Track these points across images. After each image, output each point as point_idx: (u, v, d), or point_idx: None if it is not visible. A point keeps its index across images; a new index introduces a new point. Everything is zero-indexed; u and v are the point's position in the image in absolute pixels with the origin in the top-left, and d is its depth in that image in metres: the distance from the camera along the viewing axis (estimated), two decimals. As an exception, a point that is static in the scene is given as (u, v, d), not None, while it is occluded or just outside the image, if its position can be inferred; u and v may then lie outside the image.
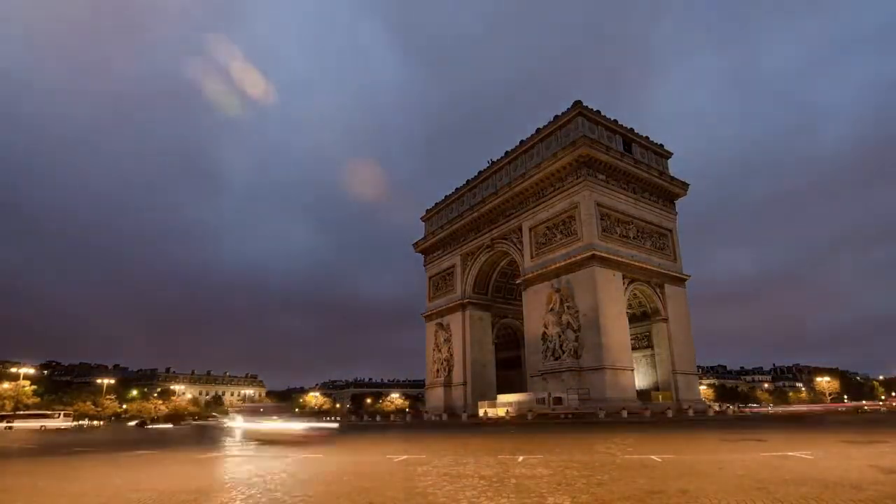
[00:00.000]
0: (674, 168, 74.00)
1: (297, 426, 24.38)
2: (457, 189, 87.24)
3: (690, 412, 56.45)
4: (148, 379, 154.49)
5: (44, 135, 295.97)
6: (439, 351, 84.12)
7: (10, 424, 57.09)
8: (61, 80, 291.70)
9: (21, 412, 67.90)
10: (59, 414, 64.59)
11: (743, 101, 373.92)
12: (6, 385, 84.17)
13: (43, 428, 57.67)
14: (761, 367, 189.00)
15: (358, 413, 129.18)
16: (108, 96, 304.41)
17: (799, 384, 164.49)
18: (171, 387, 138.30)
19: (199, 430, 47.12)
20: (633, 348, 59.02)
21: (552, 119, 67.63)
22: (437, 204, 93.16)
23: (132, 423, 78.01)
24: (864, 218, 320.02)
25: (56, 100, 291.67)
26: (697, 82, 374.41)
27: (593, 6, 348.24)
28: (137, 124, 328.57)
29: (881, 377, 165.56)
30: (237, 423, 27.65)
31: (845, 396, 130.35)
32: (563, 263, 60.92)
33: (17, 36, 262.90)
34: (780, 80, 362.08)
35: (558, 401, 55.29)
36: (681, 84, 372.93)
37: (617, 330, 57.60)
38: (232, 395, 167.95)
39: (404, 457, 15.12)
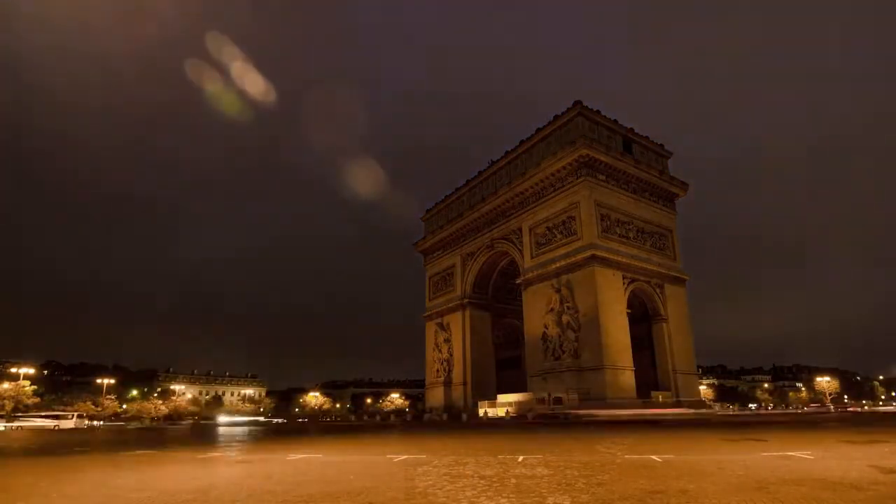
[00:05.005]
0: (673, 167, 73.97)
1: None
2: (456, 189, 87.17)
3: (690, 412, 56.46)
4: (148, 379, 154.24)
5: (44, 133, 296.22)
6: (439, 351, 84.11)
7: (20, 424, 57.14)
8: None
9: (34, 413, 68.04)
10: (73, 415, 64.43)
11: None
12: (6, 385, 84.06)
13: (57, 427, 56.58)
14: (761, 367, 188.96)
15: (357, 413, 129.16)
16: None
17: (799, 384, 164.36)
18: (171, 387, 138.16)
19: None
20: (633, 348, 59.01)
21: (552, 119, 67.60)
22: (436, 204, 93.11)
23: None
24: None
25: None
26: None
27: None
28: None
29: (881, 377, 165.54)
30: None
31: (846, 396, 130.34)
32: (563, 263, 60.89)
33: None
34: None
35: (558, 401, 55.29)
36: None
37: (617, 330, 57.59)
38: (232, 395, 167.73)
39: (404, 457, 15.11)
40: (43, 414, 65.12)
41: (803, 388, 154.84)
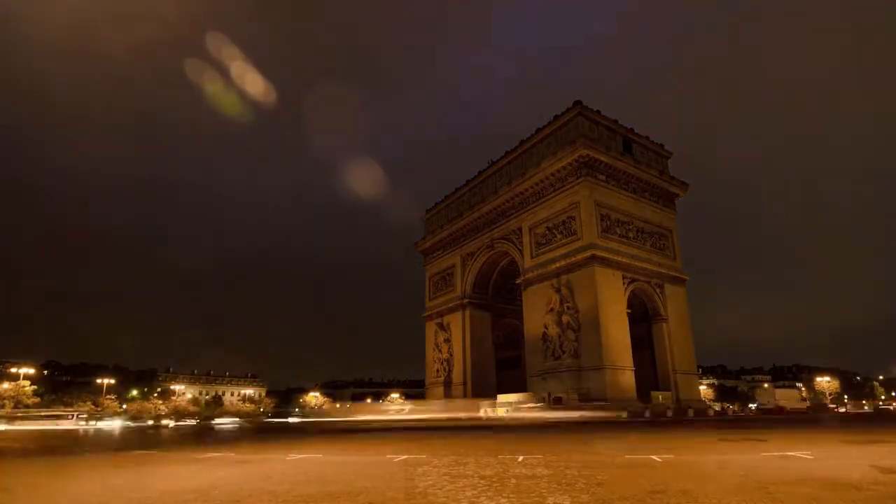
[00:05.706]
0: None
1: None
2: (457, 189, 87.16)
3: (690, 412, 56.49)
4: (148, 379, 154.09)
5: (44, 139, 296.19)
6: (439, 351, 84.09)
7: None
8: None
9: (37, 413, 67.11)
10: (73, 415, 63.31)
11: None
12: (6, 385, 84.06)
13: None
14: (761, 367, 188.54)
15: None
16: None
17: (799, 384, 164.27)
18: (171, 387, 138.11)
19: None
20: (633, 348, 58.98)
21: (552, 119, 67.55)
22: (437, 204, 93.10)
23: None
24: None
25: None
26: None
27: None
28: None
29: (881, 377, 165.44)
30: None
31: (846, 396, 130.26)
32: (563, 263, 60.87)
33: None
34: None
35: (558, 401, 55.31)
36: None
37: (617, 330, 57.56)
38: (232, 395, 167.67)
39: (404, 457, 15.10)
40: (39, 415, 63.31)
41: (803, 388, 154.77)
